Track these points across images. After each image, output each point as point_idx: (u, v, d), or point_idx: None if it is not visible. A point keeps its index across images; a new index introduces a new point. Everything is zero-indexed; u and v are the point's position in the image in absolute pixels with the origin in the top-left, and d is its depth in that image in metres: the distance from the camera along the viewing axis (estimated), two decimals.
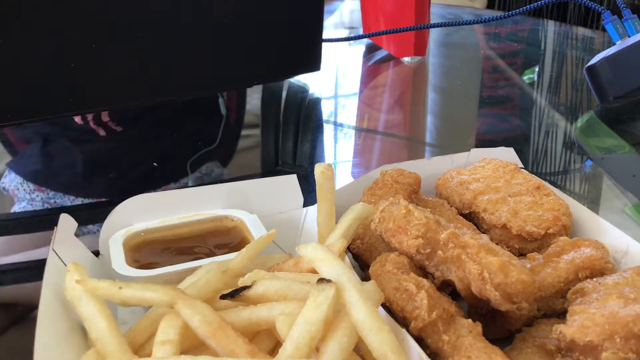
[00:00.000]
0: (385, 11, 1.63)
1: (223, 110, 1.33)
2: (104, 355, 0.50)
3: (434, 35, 1.95)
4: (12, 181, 1.03)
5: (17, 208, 0.99)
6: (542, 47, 1.97)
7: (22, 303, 0.69)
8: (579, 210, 0.73)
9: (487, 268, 0.53)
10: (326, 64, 1.38)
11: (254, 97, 1.45)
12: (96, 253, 0.69)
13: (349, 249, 0.69)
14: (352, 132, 1.28)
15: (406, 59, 1.64)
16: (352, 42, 1.83)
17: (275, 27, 1.23)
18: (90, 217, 0.52)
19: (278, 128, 1.30)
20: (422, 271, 0.60)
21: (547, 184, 0.76)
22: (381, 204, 0.64)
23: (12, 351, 0.62)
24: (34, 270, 0.71)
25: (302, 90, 1.45)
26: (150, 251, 0.67)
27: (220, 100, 1.36)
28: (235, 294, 0.54)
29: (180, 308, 0.51)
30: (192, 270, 0.60)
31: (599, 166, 1.09)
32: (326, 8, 1.37)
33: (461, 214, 0.76)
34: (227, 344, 0.48)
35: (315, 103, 1.41)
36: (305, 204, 0.79)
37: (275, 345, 0.53)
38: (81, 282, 0.53)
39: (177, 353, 0.49)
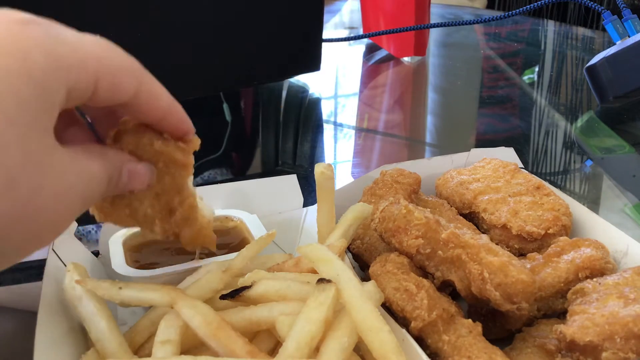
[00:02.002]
0: (385, 11, 1.64)
1: (228, 117, 1.32)
2: (104, 355, 0.50)
3: (434, 35, 1.95)
4: None
5: None
6: (542, 47, 1.97)
7: (22, 303, 0.69)
8: (579, 210, 0.73)
9: (487, 268, 0.54)
10: (326, 64, 1.38)
11: (256, 99, 1.46)
12: (96, 253, 0.69)
13: (349, 249, 0.69)
14: (352, 132, 1.28)
15: (406, 59, 1.64)
16: (352, 42, 1.83)
17: (276, 27, 1.23)
18: (90, 217, 0.52)
19: (278, 128, 1.30)
20: (422, 271, 0.60)
21: (547, 184, 0.76)
22: (381, 204, 0.64)
23: (13, 351, 0.62)
24: (34, 270, 0.71)
25: (302, 90, 1.45)
26: (150, 251, 0.67)
27: (225, 106, 1.36)
28: (235, 294, 0.54)
29: (180, 308, 0.51)
30: (192, 270, 0.60)
31: (599, 166, 1.09)
32: (328, 9, 1.37)
33: (461, 214, 0.76)
34: (227, 344, 0.48)
35: (315, 103, 1.41)
36: (305, 204, 0.79)
37: (275, 345, 0.53)
38: (81, 282, 0.53)
39: (177, 353, 0.49)
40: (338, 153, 1.17)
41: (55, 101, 0.37)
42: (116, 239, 0.67)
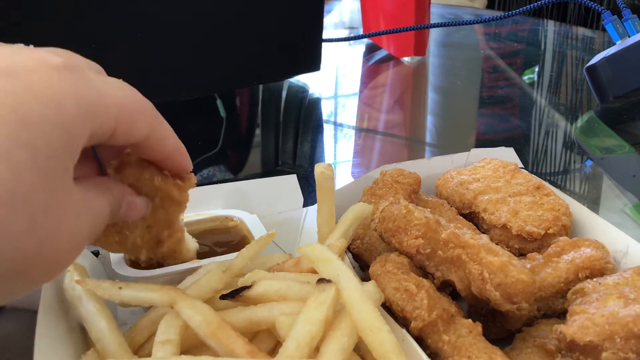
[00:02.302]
0: (385, 11, 1.64)
1: (222, 113, 1.32)
2: (104, 355, 0.50)
3: (434, 35, 1.95)
4: None
5: None
6: (542, 47, 1.97)
7: (22, 303, 0.69)
8: (579, 210, 0.73)
9: (487, 268, 0.54)
10: (326, 64, 1.38)
11: (254, 97, 1.46)
12: (96, 253, 0.68)
13: (349, 249, 0.69)
14: (352, 132, 1.28)
15: (406, 59, 1.64)
16: (352, 42, 1.83)
17: (276, 27, 1.23)
18: None
19: (278, 128, 1.30)
20: (422, 271, 0.60)
21: (547, 184, 0.76)
22: (381, 204, 0.64)
23: (13, 351, 0.62)
24: None
25: (302, 90, 1.45)
26: None
27: (219, 102, 1.36)
28: (235, 294, 0.54)
29: (180, 308, 0.51)
30: (192, 270, 0.60)
31: (599, 166, 1.09)
32: (325, 8, 1.37)
33: (461, 214, 0.76)
34: (227, 344, 0.48)
35: (315, 103, 1.41)
36: (305, 204, 0.79)
37: (275, 345, 0.53)
38: (81, 282, 0.53)
39: (177, 353, 0.49)
40: (338, 153, 1.17)
41: (79, 144, 0.40)
42: None
